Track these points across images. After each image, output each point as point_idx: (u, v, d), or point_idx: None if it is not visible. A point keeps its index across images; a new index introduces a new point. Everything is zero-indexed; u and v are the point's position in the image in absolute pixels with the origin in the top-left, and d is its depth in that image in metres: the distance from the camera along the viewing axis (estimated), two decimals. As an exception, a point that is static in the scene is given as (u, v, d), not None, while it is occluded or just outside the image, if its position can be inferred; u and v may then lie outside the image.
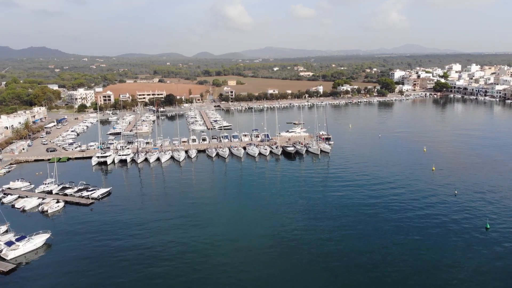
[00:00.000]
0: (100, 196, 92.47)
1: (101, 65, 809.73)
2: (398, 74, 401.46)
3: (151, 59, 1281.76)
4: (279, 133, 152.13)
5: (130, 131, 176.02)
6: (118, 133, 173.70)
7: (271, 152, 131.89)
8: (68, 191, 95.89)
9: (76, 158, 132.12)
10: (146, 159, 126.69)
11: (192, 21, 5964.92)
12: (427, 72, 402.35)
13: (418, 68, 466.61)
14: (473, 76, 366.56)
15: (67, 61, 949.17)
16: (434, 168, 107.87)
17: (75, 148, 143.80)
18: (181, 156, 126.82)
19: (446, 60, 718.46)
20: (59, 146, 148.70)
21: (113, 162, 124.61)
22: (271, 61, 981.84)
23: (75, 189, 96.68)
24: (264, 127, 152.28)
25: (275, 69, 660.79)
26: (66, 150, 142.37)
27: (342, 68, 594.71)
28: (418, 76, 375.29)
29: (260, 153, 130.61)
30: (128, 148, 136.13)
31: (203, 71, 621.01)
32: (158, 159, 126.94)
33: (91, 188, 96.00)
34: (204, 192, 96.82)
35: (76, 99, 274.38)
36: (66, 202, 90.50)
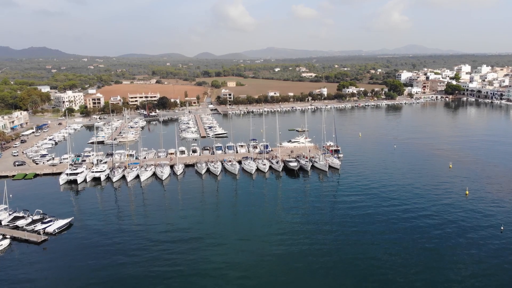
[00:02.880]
0: (57, 230, 74.42)
1: (100, 65, 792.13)
2: (405, 75, 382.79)
3: (151, 59, 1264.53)
4: (280, 143, 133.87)
5: (114, 139, 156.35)
6: (102, 142, 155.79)
7: (270, 167, 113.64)
8: (20, 222, 78.01)
9: (44, 174, 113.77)
10: (123, 177, 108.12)
11: (194, 22, 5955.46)
12: (436, 73, 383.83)
13: (425, 69, 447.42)
14: (486, 78, 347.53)
15: (66, 62, 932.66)
16: (467, 192, 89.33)
17: (47, 161, 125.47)
18: (165, 173, 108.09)
19: (451, 60, 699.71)
20: (30, 158, 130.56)
21: (84, 180, 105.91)
22: (272, 62, 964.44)
23: (29, 220, 78.50)
24: (263, 139, 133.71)
25: (277, 69, 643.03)
26: (37, 163, 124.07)
27: (346, 69, 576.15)
28: (427, 78, 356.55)
29: (258, 169, 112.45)
30: (104, 163, 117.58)
31: (202, 72, 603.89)
32: (137, 176, 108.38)
33: (48, 219, 77.73)
34: (190, 220, 78.85)
35: (63, 102, 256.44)
36: (14, 238, 72.64)
